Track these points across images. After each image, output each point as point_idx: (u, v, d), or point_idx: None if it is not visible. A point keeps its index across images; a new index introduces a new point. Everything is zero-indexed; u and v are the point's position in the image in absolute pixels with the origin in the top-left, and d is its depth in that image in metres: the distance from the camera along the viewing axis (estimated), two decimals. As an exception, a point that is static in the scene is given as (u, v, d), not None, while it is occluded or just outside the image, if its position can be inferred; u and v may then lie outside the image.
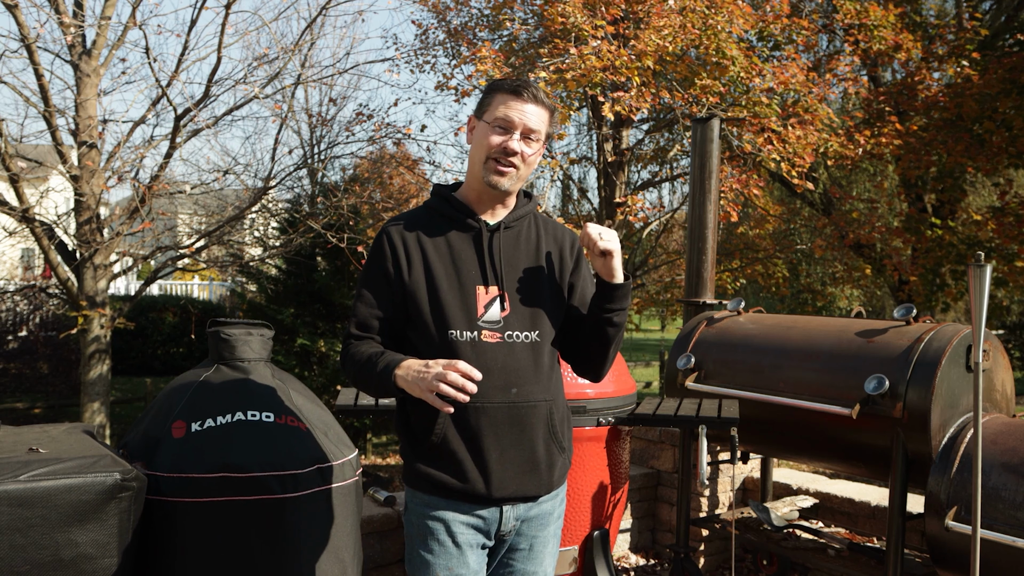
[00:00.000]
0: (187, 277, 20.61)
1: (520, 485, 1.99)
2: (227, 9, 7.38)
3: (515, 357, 1.98)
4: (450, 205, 2.07)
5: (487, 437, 1.95)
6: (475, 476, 1.95)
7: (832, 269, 12.21)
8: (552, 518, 2.10)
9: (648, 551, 4.46)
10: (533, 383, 2.00)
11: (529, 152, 2.00)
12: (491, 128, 1.99)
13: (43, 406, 12.48)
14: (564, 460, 2.08)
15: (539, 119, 2.01)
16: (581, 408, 3.08)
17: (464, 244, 2.03)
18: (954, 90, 9.38)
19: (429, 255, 2.01)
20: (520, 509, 2.02)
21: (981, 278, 2.45)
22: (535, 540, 2.07)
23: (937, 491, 3.01)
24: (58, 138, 7.58)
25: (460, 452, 1.95)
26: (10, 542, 2.10)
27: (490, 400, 1.94)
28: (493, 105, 2.01)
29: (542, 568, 2.09)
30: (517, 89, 1.99)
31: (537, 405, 2.00)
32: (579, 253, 2.16)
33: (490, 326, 1.98)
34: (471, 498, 1.96)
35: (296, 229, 9.68)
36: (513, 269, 2.04)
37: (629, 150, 10.49)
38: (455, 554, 1.97)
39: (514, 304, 2.01)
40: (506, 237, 2.06)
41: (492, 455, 1.95)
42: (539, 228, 2.13)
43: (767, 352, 3.69)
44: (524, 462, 1.99)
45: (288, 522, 2.58)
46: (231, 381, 2.76)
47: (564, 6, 7.70)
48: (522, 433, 1.98)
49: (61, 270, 7.81)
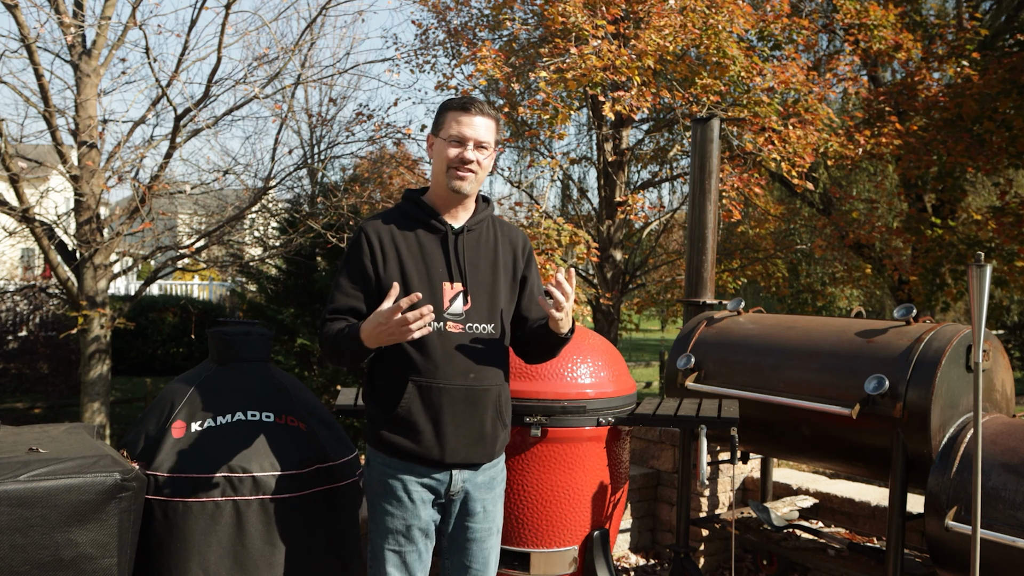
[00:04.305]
0: (187, 277, 20.62)
1: (469, 454, 2.31)
2: (227, 9, 7.37)
3: (474, 346, 2.29)
4: (419, 208, 2.36)
5: (446, 413, 2.26)
6: (432, 444, 2.26)
7: (832, 269, 12.20)
8: (497, 482, 2.44)
9: (648, 551, 4.46)
10: (487, 369, 2.32)
11: (483, 158, 2.31)
12: (448, 143, 2.29)
13: (43, 406, 12.48)
14: (505, 434, 2.43)
15: (487, 130, 2.31)
16: (581, 408, 3.08)
17: (432, 244, 2.32)
18: (954, 90, 9.37)
19: (402, 252, 2.29)
20: (466, 474, 2.34)
21: (981, 278, 2.45)
22: (486, 502, 2.38)
23: (937, 491, 3.01)
24: (58, 138, 7.57)
25: (421, 423, 2.26)
26: (10, 542, 2.10)
27: (451, 382, 2.26)
28: (447, 123, 2.30)
29: (495, 524, 2.43)
30: (465, 106, 2.30)
31: (489, 388, 2.32)
32: (530, 252, 2.50)
33: (454, 318, 2.28)
34: (426, 462, 2.28)
35: (296, 229, 9.68)
36: (474, 268, 2.34)
37: (629, 150, 10.49)
38: (410, 508, 2.29)
39: (475, 299, 2.32)
40: (469, 239, 2.36)
41: (449, 428, 2.27)
42: (496, 230, 2.44)
43: (767, 352, 3.69)
44: (474, 435, 2.31)
45: (288, 522, 2.58)
46: (231, 381, 2.76)
47: (564, 6, 7.70)
48: (475, 411, 2.30)
49: (61, 270, 7.80)
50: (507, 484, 3.05)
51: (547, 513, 3.10)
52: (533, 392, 3.04)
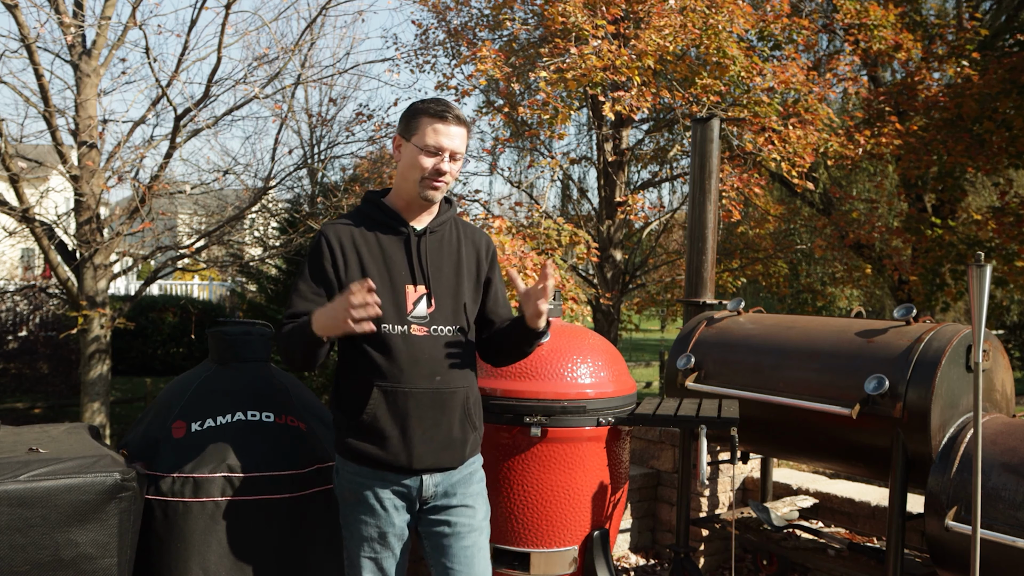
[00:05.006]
0: (187, 277, 20.60)
1: (437, 459, 2.25)
2: (227, 9, 7.36)
3: (440, 348, 2.24)
4: (381, 211, 2.30)
5: (412, 418, 2.21)
6: (399, 450, 2.21)
7: (832, 269, 12.19)
8: (474, 479, 2.37)
9: (648, 551, 4.46)
10: (454, 371, 2.26)
11: (455, 169, 2.26)
12: (422, 152, 2.21)
13: (43, 406, 12.48)
14: (476, 436, 2.37)
15: (462, 139, 2.25)
16: (581, 408, 3.08)
17: (395, 247, 2.27)
18: (954, 90, 9.37)
19: (363, 256, 2.24)
20: (438, 478, 2.28)
21: (981, 278, 2.45)
22: (464, 497, 2.32)
23: (937, 491, 3.01)
24: (58, 138, 7.57)
25: (388, 429, 2.20)
26: (10, 542, 2.10)
27: (417, 386, 2.21)
28: (421, 129, 2.21)
29: (476, 520, 2.35)
30: (443, 114, 2.21)
31: (456, 391, 2.27)
32: (493, 253, 2.45)
33: (418, 321, 2.24)
34: (394, 468, 2.23)
35: (296, 229, 9.67)
36: (438, 270, 2.29)
37: (629, 150, 10.48)
38: (383, 515, 2.25)
39: (440, 301, 2.27)
40: (431, 241, 2.31)
41: (416, 433, 2.21)
42: (459, 232, 2.39)
43: (767, 352, 3.69)
44: (443, 439, 2.25)
45: (288, 522, 2.58)
46: (231, 381, 2.76)
47: (564, 6, 7.69)
48: (442, 415, 2.24)
49: (61, 270, 7.80)
50: (507, 484, 3.05)
51: (547, 513, 3.10)
52: (533, 392, 3.04)
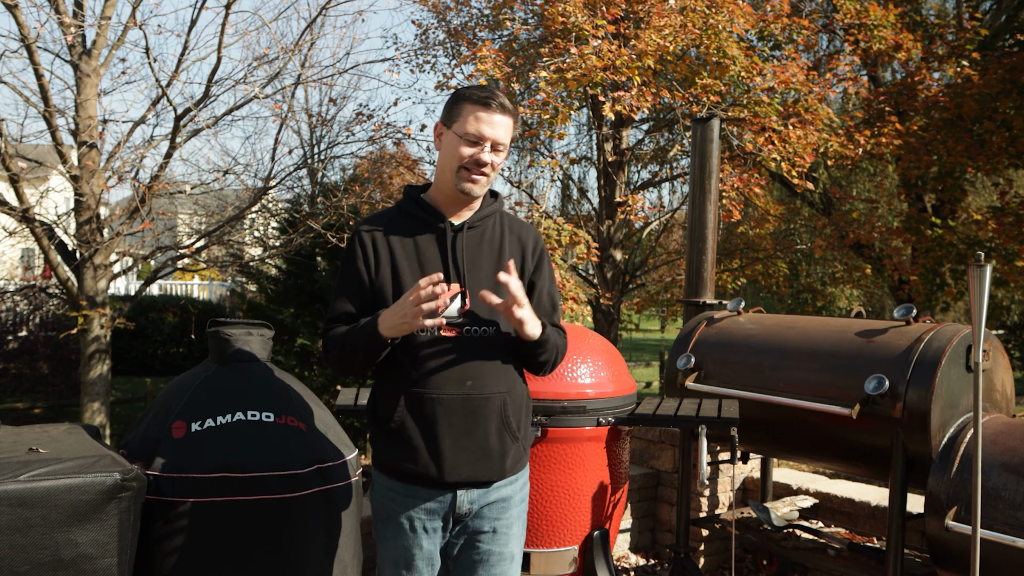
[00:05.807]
0: (187, 277, 20.61)
1: (472, 471, 2.10)
2: (227, 9, 7.37)
3: (472, 351, 2.10)
4: (419, 207, 2.19)
5: (441, 426, 2.07)
6: (427, 461, 2.08)
7: (832, 269, 12.19)
8: (513, 503, 2.20)
9: (648, 551, 4.46)
10: (488, 376, 2.11)
11: (498, 161, 2.11)
12: (462, 140, 2.08)
13: (43, 406, 12.49)
14: (518, 448, 2.18)
15: (506, 129, 2.10)
16: (581, 408, 3.08)
17: (429, 244, 2.15)
18: (954, 90, 9.37)
19: (396, 255, 2.13)
20: (474, 494, 2.13)
21: (981, 278, 2.45)
22: (497, 523, 2.17)
23: (937, 491, 3.01)
24: (58, 138, 7.57)
25: (416, 439, 2.08)
26: (10, 542, 2.10)
27: (446, 391, 2.07)
28: (463, 116, 2.08)
29: (508, 549, 2.19)
30: (487, 101, 2.07)
31: (492, 397, 2.11)
32: (541, 252, 2.27)
33: (449, 321, 2.09)
34: (425, 482, 2.09)
35: (296, 229, 9.67)
36: (475, 267, 2.15)
37: (629, 150, 10.48)
38: (411, 537, 2.13)
39: (475, 301, 2.10)
40: (469, 236, 2.17)
41: (446, 442, 2.07)
42: (504, 227, 2.23)
43: (767, 352, 3.69)
44: (476, 450, 2.10)
45: (288, 522, 2.58)
46: (231, 381, 2.76)
47: (564, 6, 7.69)
48: (476, 423, 2.09)
49: (61, 270, 7.80)
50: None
51: (547, 513, 3.10)
52: (533, 392, 3.04)
